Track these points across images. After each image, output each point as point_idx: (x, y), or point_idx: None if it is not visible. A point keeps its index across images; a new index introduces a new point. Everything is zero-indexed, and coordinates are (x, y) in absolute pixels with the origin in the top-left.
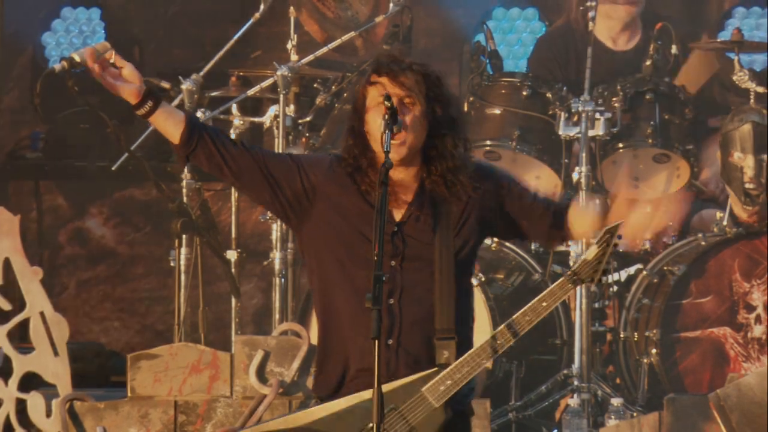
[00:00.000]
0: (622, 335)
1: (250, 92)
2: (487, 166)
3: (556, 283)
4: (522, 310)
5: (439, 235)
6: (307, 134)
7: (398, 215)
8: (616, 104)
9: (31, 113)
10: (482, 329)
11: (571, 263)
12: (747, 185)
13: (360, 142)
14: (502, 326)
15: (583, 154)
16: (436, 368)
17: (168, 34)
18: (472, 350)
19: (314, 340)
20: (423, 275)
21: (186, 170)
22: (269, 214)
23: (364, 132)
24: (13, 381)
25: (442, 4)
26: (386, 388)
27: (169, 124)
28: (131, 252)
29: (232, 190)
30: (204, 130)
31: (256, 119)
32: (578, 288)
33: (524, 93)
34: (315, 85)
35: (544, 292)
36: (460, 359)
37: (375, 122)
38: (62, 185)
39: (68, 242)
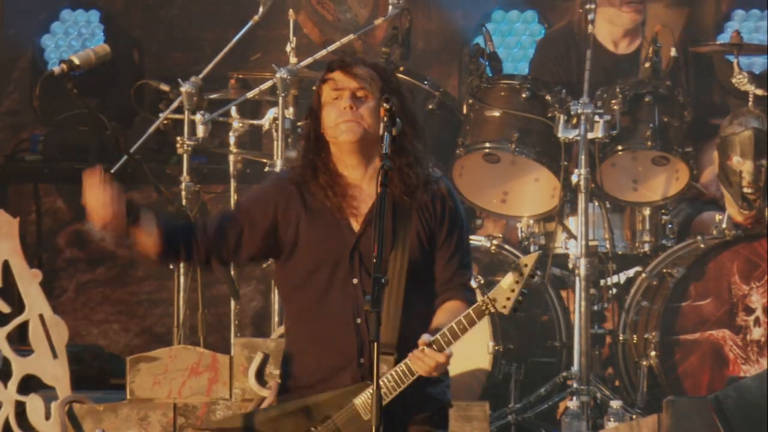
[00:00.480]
0: (621, 338)
1: (250, 95)
2: (455, 199)
3: (473, 307)
4: (441, 331)
5: (395, 249)
6: None
7: (356, 225)
8: (615, 107)
9: (30, 115)
10: (481, 330)
11: (570, 266)
12: (745, 189)
13: (316, 145)
14: (426, 346)
15: (582, 157)
16: (367, 382)
17: (167, 36)
18: (397, 367)
19: None
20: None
21: (185, 173)
22: None
23: (320, 132)
24: (13, 383)
25: (441, 6)
26: (323, 397)
27: (145, 240)
28: (130, 255)
29: (232, 192)
30: (180, 244)
31: (255, 122)
32: (577, 290)
33: (523, 95)
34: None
35: (462, 315)
36: (386, 376)
37: (329, 117)
38: (61, 188)
39: (67, 245)
